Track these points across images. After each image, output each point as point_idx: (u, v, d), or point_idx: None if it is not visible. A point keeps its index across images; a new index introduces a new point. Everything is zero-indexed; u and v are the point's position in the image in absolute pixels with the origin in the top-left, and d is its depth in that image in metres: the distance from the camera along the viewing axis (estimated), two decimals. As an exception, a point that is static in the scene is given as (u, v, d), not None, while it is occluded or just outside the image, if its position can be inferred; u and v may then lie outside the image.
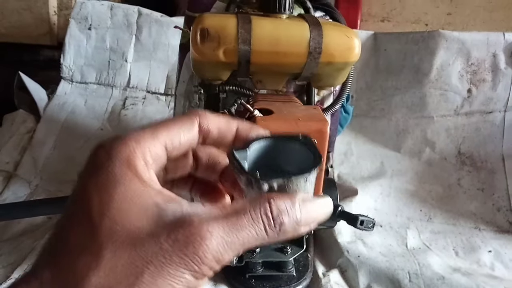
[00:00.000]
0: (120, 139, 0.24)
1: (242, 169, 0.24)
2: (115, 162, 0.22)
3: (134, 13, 1.22)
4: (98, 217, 0.21)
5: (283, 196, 0.23)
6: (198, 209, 0.22)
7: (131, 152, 0.23)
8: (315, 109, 0.55)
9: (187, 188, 0.31)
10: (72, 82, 1.20)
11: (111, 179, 0.22)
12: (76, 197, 0.23)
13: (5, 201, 0.90)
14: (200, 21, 0.53)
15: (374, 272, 0.72)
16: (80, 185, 0.23)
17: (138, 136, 0.24)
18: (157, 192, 0.22)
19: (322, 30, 0.54)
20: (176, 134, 0.25)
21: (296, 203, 0.23)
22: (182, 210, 0.21)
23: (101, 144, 0.24)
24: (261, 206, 0.22)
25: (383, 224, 0.89)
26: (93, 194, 0.22)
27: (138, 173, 0.23)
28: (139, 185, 0.22)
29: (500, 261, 0.79)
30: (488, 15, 1.37)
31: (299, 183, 0.24)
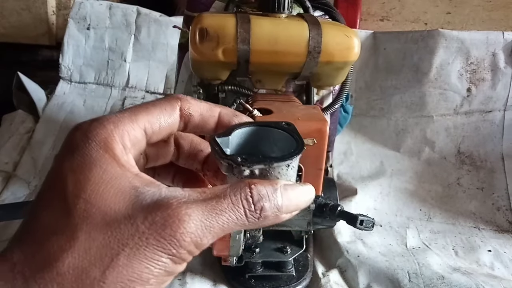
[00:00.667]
0: (97, 122, 0.23)
1: (223, 154, 0.24)
2: (92, 144, 0.22)
3: (133, 12, 1.22)
4: (72, 198, 0.20)
5: (264, 182, 0.22)
6: (177, 193, 0.21)
7: (108, 134, 0.22)
8: (315, 108, 0.55)
9: (169, 177, 0.31)
10: (71, 82, 1.20)
11: (87, 161, 0.21)
12: (51, 178, 0.22)
13: (4, 202, 0.90)
14: (199, 21, 0.52)
15: (373, 272, 0.72)
16: (56, 166, 0.22)
17: (116, 119, 0.23)
18: (135, 175, 0.22)
19: (321, 29, 0.53)
20: (156, 118, 0.25)
21: (277, 189, 0.22)
22: (161, 193, 0.21)
23: (78, 126, 0.24)
24: (241, 190, 0.22)
25: (382, 224, 0.89)
26: (68, 176, 0.21)
27: (116, 156, 0.22)
28: (117, 168, 0.22)
29: (499, 260, 0.79)
30: (487, 14, 1.37)
31: (281, 169, 0.24)
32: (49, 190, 0.22)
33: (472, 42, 1.08)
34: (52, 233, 0.20)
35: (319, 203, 0.56)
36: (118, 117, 0.23)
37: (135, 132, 0.24)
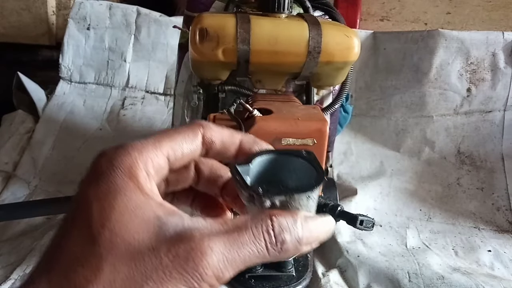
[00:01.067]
0: (122, 148, 0.23)
1: (245, 184, 0.24)
2: (117, 172, 0.22)
3: (133, 12, 1.22)
4: (97, 227, 0.21)
5: (285, 213, 0.22)
6: (199, 224, 0.21)
7: (133, 162, 0.23)
8: (315, 108, 0.55)
9: (188, 202, 0.31)
10: (71, 82, 1.20)
11: (112, 189, 0.22)
12: (77, 205, 0.22)
13: (4, 202, 0.90)
14: (199, 21, 0.52)
15: (373, 272, 0.72)
16: (81, 193, 0.23)
17: (140, 146, 0.24)
18: (158, 204, 0.22)
19: (321, 29, 0.53)
20: (179, 145, 0.25)
21: (298, 220, 0.22)
22: (183, 224, 0.21)
23: (104, 152, 0.24)
24: (263, 222, 0.22)
25: (382, 224, 0.89)
26: (94, 203, 0.21)
27: (140, 184, 0.22)
28: (141, 196, 0.22)
29: (499, 260, 0.79)
30: (487, 14, 1.37)
31: (301, 200, 0.24)
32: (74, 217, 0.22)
33: (472, 42, 1.08)
34: (78, 263, 0.20)
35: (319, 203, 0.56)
36: (143, 144, 0.24)
37: (158, 159, 0.24)
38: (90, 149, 1.06)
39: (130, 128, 1.13)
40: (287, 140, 0.48)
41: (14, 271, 0.70)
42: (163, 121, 1.16)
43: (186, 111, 0.74)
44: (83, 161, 1.03)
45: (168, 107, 1.18)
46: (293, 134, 0.47)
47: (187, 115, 0.74)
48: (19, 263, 0.72)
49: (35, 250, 0.75)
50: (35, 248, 0.76)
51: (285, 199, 0.23)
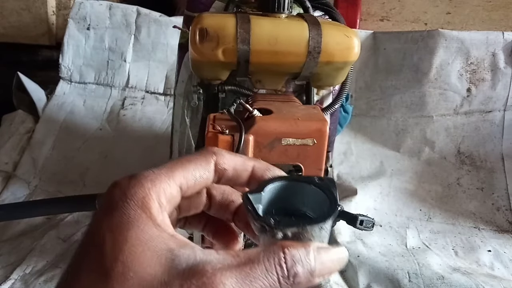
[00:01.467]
0: (136, 179, 0.23)
1: (257, 215, 0.24)
2: (130, 204, 0.22)
3: (133, 13, 1.22)
4: (110, 260, 0.21)
5: (297, 245, 0.22)
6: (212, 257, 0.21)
7: (146, 193, 0.23)
8: (315, 108, 0.55)
9: (200, 227, 0.31)
10: (71, 82, 1.20)
11: (125, 221, 0.22)
12: (90, 236, 0.23)
13: (4, 202, 0.90)
14: (199, 21, 0.52)
15: (373, 272, 0.72)
16: (95, 223, 0.23)
17: (153, 176, 0.24)
18: (170, 236, 0.22)
19: (321, 29, 0.53)
20: (192, 174, 0.25)
21: (310, 252, 0.22)
22: (195, 257, 0.21)
23: (117, 183, 0.24)
24: (275, 255, 0.21)
25: (382, 224, 0.89)
26: (107, 235, 0.21)
27: (152, 215, 0.22)
28: (153, 228, 0.22)
29: (499, 260, 0.79)
30: (487, 14, 1.37)
31: (314, 231, 0.23)
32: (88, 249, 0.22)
33: (472, 42, 1.08)
34: None
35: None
36: (156, 174, 0.24)
37: (171, 189, 0.24)
38: (90, 149, 1.06)
39: (130, 128, 1.13)
40: (287, 140, 0.48)
41: (14, 271, 0.70)
42: (163, 121, 1.16)
43: (186, 111, 0.73)
44: (83, 161, 1.03)
45: (168, 107, 1.18)
46: (293, 134, 0.47)
47: (187, 115, 0.74)
48: (19, 263, 0.72)
49: (35, 250, 0.75)
50: (35, 248, 0.76)
51: (297, 230, 0.23)
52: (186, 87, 0.73)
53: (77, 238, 0.80)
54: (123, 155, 1.05)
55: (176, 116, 0.77)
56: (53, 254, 0.75)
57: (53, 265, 0.72)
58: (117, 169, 1.01)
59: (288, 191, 0.27)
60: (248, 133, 0.47)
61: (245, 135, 0.46)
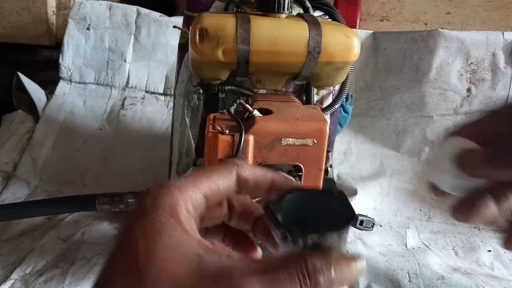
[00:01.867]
0: (165, 187, 0.25)
1: (278, 223, 0.25)
2: (160, 210, 0.23)
3: (133, 13, 1.22)
4: (144, 264, 0.22)
5: (318, 254, 0.23)
6: (237, 262, 0.22)
7: (175, 201, 0.24)
8: (315, 108, 0.55)
9: (220, 237, 0.32)
10: (71, 82, 1.20)
11: (157, 226, 0.23)
12: (123, 241, 0.24)
13: (4, 202, 0.90)
14: (199, 21, 0.52)
15: (373, 272, 0.72)
16: (127, 229, 0.24)
17: (181, 185, 0.25)
18: (198, 242, 0.23)
19: (321, 29, 0.53)
20: (216, 184, 0.26)
21: (331, 262, 0.23)
22: (222, 263, 0.22)
23: (148, 191, 0.25)
24: (297, 263, 0.22)
25: (382, 224, 0.89)
26: (140, 241, 0.22)
27: (181, 221, 0.23)
28: (182, 234, 0.23)
29: (499, 261, 0.79)
30: (487, 14, 1.37)
31: (333, 240, 0.24)
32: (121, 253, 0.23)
33: (472, 42, 1.08)
34: None
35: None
36: (183, 183, 0.25)
37: (197, 197, 0.25)
38: (90, 149, 1.06)
39: (130, 128, 1.13)
40: (287, 140, 0.48)
41: (14, 271, 0.70)
42: (163, 121, 1.16)
43: (186, 111, 0.73)
44: (83, 161, 1.03)
45: (168, 107, 1.18)
46: (293, 134, 0.47)
47: (187, 115, 0.74)
48: (19, 263, 0.72)
49: (35, 250, 0.75)
50: (35, 248, 0.76)
51: (317, 238, 0.24)
52: (186, 87, 0.73)
53: (77, 238, 0.80)
54: (123, 155, 1.05)
55: (176, 116, 0.77)
56: (53, 254, 0.75)
57: (53, 265, 0.72)
58: (117, 169, 1.01)
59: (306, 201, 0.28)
60: (248, 133, 0.47)
61: (245, 135, 0.46)
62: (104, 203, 0.74)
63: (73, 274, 0.69)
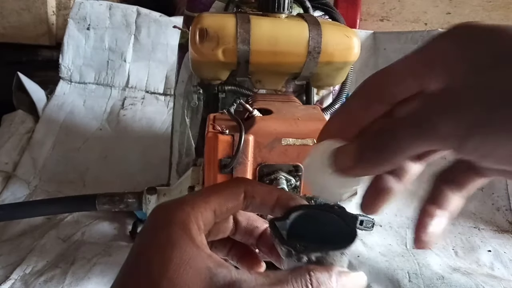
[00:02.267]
0: (177, 203, 0.26)
1: (283, 240, 0.26)
2: (172, 225, 0.25)
3: (133, 13, 1.22)
4: (158, 277, 0.23)
5: (321, 269, 0.25)
6: (245, 276, 0.23)
7: (186, 217, 0.25)
8: (315, 108, 0.55)
9: (225, 251, 0.33)
10: (71, 82, 1.20)
11: (170, 241, 0.24)
12: (138, 255, 0.25)
13: (4, 202, 0.90)
14: (199, 21, 0.52)
15: (373, 272, 0.72)
16: (141, 243, 0.25)
17: (192, 201, 0.26)
18: (208, 256, 0.24)
19: (321, 29, 0.53)
20: (225, 201, 0.28)
21: (333, 276, 0.25)
22: (231, 276, 0.23)
23: (161, 207, 0.26)
24: (302, 277, 0.24)
25: (382, 224, 0.89)
26: (154, 255, 0.24)
27: (192, 236, 0.24)
28: (194, 249, 0.24)
29: (499, 260, 0.79)
30: (487, 14, 1.37)
31: (336, 256, 0.26)
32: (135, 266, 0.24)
33: (472, 42, 1.08)
34: None
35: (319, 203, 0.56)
36: (194, 200, 0.26)
37: (207, 214, 0.27)
38: (90, 149, 1.06)
39: (130, 128, 1.13)
40: (287, 140, 0.48)
41: (14, 271, 0.70)
42: (163, 121, 1.16)
43: (186, 111, 0.74)
44: (83, 161, 1.03)
45: (168, 107, 1.18)
46: (293, 134, 0.47)
47: (187, 115, 0.74)
48: (19, 263, 0.72)
49: (35, 250, 0.75)
50: (35, 248, 0.76)
51: (321, 255, 0.25)
52: (186, 87, 0.73)
53: (77, 238, 0.80)
54: (123, 155, 1.05)
55: (176, 116, 0.77)
56: (53, 254, 0.75)
57: (53, 265, 0.72)
58: (117, 169, 1.01)
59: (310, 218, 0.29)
60: (248, 133, 0.47)
61: (245, 135, 0.46)
62: (104, 203, 0.74)
63: (73, 274, 0.69)
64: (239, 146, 0.45)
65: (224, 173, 0.47)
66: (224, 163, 0.46)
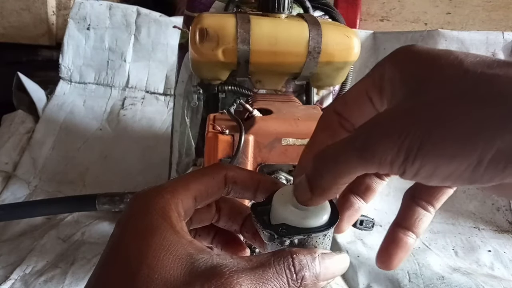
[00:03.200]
0: (156, 191, 0.26)
1: (265, 225, 0.26)
2: (152, 212, 0.24)
3: (133, 13, 1.22)
4: (136, 263, 0.22)
5: (304, 251, 0.25)
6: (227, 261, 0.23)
7: (166, 203, 0.25)
8: (315, 108, 0.55)
9: (209, 238, 0.33)
10: (71, 82, 1.20)
11: (149, 228, 0.24)
12: (115, 243, 0.24)
13: (4, 202, 0.90)
14: (199, 21, 0.52)
15: (373, 272, 0.72)
16: (119, 231, 0.25)
17: (172, 188, 0.26)
18: (189, 242, 0.24)
19: (321, 29, 0.53)
20: (205, 187, 0.27)
21: (316, 258, 0.25)
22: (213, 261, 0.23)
23: (139, 195, 0.26)
24: (284, 260, 0.24)
25: (382, 224, 0.89)
26: (132, 241, 0.23)
27: (172, 223, 0.24)
28: (173, 235, 0.24)
29: (499, 260, 0.79)
30: (487, 14, 1.37)
31: (318, 238, 0.26)
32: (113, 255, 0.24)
33: (472, 42, 1.08)
34: None
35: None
36: (174, 186, 0.26)
37: (187, 200, 0.26)
38: (90, 149, 1.06)
39: (130, 128, 1.13)
40: (287, 140, 0.48)
41: (14, 271, 0.70)
42: (163, 121, 1.16)
43: (186, 111, 0.74)
44: (83, 161, 1.03)
45: (168, 107, 1.18)
46: (293, 134, 0.47)
47: (187, 115, 0.74)
48: (19, 263, 0.72)
49: (35, 250, 0.75)
50: (35, 248, 0.76)
51: (303, 238, 0.25)
52: (186, 87, 0.73)
53: (77, 238, 0.80)
54: (123, 155, 1.05)
55: (176, 116, 0.77)
56: (53, 254, 0.75)
57: (53, 265, 0.72)
58: (117, 169, 1.01)
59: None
60: (248, 133, 0.47)
61: (245, 135, 0.46)
62: (104, 203, 0.74)
63: (73, 274, 0.69)
64: (239, 146, 0.45)
65: (224, 173, 0.47)
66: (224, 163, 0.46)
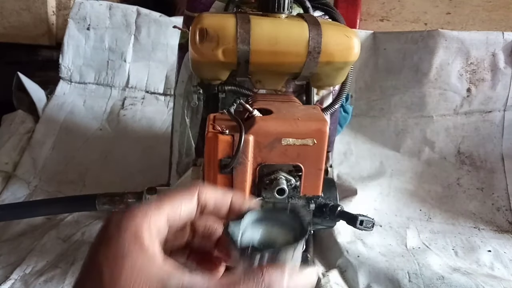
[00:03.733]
0: (128, 213, 0.26)
1: (236, 243, 0.28)
2: (124, 235, 0.25)
3: (133, 13, 1.22)
4: None
5: (273, 268, 0.25)
6: (199, 280, 0.24)
7: (138, 226, 0.25)
8: (315, 108, 0.55)
9: (184, 256, 0.33)
10: (71, 82, 1.20)
11: (120, 252, 0.24)
12: (88, 267, 0.25)
13: (4, 202, 0.90)
14: (199, 21, 0.52)
15: (373, 272, 0.72)
16: (92, 256, 0.25)
17: (144, 210, 0.26)
18: (162, 263, 0.25)
19: (321, 29, 0.53)
20: (178, 208, 0.28)
21: (285, 274, 0.25)
22: (184, 281, 0.24)
23: (111, 218, 0.26)
24: (254, 277, 0.24)
25: (382, 224, 0.89)
26: (104, 266, 0.24)
27: (144, 245, 0.25)
28: (145, 258, 0.24)
29: (499, 261, 0.79)
30: (487, 14, 1.37)
31: (287, 253, 0.27)
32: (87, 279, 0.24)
33: (472, 42, 1.08)
34: None
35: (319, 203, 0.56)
36: (146, 208, 0.27)
37: (160, 221, 0.27)
38: (90, 149, 1.06)
39: (130, 128, 1.13)
40: (287, 140, 0.48)
41: (14, 271, 0.70)
42: (163, 121, 1.16)
43: (186, 111, 0.74)
44: (83, 161, 1.03)
45: (168, 107, 1.18)
46: (293, 134, 0.47)
47: (187, 115, 0.74)
48: (19, 263, 0.72)
49: (35, 250, 0.75)
50: (35, 248, 0.76)
51: (273, 253, 0.27)
52: (186, 87, 0.73)
53: (77, 238, 0.80)
54: (123, 155, 1.05)
55: (176, 116, 0.77)
56: (53, 254, 0.75)
57: (53, 265, 0.72)
58: (117, 169, 1.01)
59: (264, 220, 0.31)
60: (248, 133, 0.47)
61: (245, 135, 0.46)
62: (104, 203, 0.74)
63: (73, 274, 0.69)
64: (239, 146, 0.45)
65: (224, 173, 0.47)
66: (224, 163, 0.46)
